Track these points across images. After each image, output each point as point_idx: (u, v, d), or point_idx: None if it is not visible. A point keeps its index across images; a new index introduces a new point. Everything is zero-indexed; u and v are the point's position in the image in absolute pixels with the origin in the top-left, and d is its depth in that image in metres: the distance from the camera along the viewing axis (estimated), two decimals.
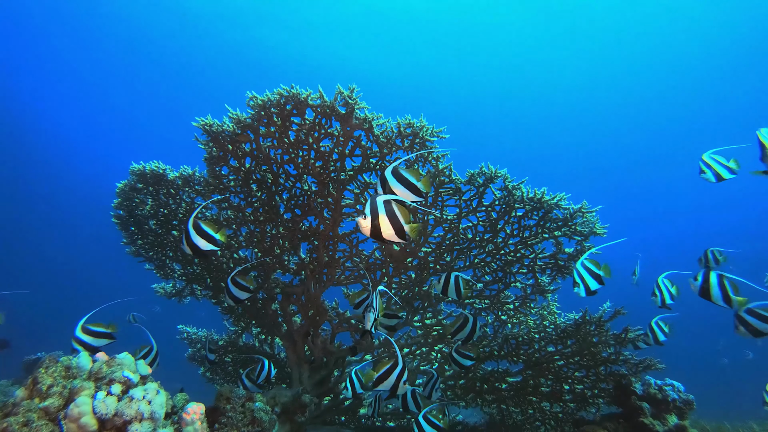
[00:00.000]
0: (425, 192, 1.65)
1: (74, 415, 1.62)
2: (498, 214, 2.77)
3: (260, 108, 2.52)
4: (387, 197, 1.53)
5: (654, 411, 2.90)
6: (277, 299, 3.23)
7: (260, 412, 2.21)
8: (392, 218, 1.52)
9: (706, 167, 2.11)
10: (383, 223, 1.51)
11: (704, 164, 2.12)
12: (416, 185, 1.61)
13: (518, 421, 3.39)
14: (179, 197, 3.02)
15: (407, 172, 1.62)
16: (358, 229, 1.61)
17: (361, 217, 1.52)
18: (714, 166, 2.11)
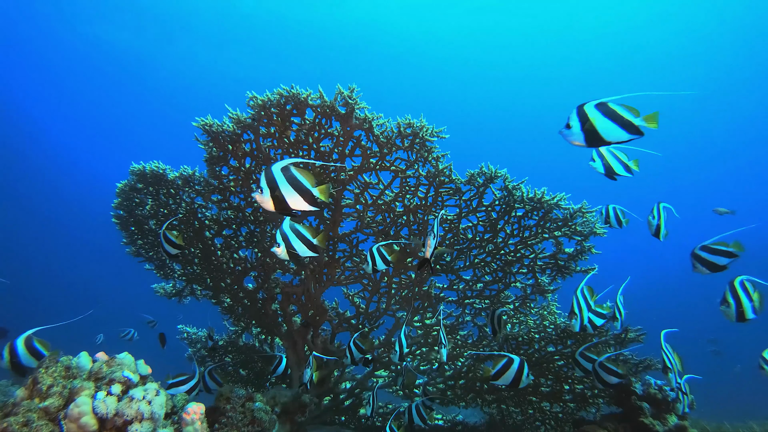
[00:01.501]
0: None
1: (74, 415, 1.62)
2: (498, 214, 2.77)
3: (260, 108, 2.52)
4: (285, 162, 1.37)
5: (654, 411, 2.89)
6: (277, 299, 3.22)
7: (260, 412, 2.21)
8: (296, 185, 1.37)
9: (597, 156, 1.89)
10: (285, 191, 1.36)
11: (597, 154, 1.91)
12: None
13: (518, 421, 3.39)
14: (179, 197, 3.01)
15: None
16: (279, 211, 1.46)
17: (257, 193, 1.37)
18: (607, 158, 1.90)
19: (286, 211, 1.38)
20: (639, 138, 1.37)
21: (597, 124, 1.36)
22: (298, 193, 1.37)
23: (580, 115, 1.37)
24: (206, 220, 3.05)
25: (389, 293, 3.12)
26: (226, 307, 3.47)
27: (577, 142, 1.40)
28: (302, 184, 1.38)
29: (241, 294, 3.28)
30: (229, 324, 3.75)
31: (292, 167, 1.36)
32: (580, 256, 2.82)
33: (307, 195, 1.38)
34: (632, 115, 1.36)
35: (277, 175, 1.35)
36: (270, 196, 1.35)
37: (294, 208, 1.38)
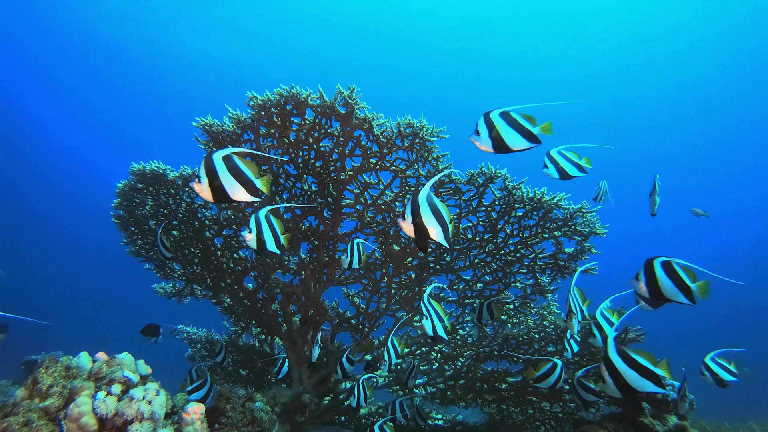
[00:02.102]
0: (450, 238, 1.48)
1: (74, 415, 1.62)
2: (498, 214, 2.77)
3: (260, 108, 2.52)
4: (226, 151, 1.33)
5: (654, 411, 2.89)
6: (277, 299, 3.23)
7: (260, 412, 2.21)
8: (236, 174, 1.32)
9: (549, 162, 1.91)
10: (226, 182, 1.31)
11: (549, 159, 1.92)
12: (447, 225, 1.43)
13: (518, 421, 3.39)
14: (179, 197, 3.02)
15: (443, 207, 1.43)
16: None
17: (194, 182, 1.33)
18: (560, 162, 1.91)
19: (225, 201, 1.35)
20: (537, 146, 1.48)
21: (502, 132, 1.44)
22: (239, 184, 1.33)
23: (487, 122, 1.44)
24: (206, 220, 3.05)
25: (389, 293, 3.12)
26: (226, 307, 3.47)
27: (485, 148, 1.47)
28: (244, 174, 1.34)
29: (241, 294, 3.28)
30: (229, 324, 3.75)
31: (234, 156, 1.32)
32: (580, 256, 2.82)
33: (249, 185, 1.34)
34: (530, 124, 1.45)
35: (218, 164, 1.31)
36: (209, 186, 1.31)
37: (234, 199, 1.34)
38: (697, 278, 1.51)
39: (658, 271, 1.51)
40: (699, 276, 1.52)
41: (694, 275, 1.51)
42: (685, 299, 1.50)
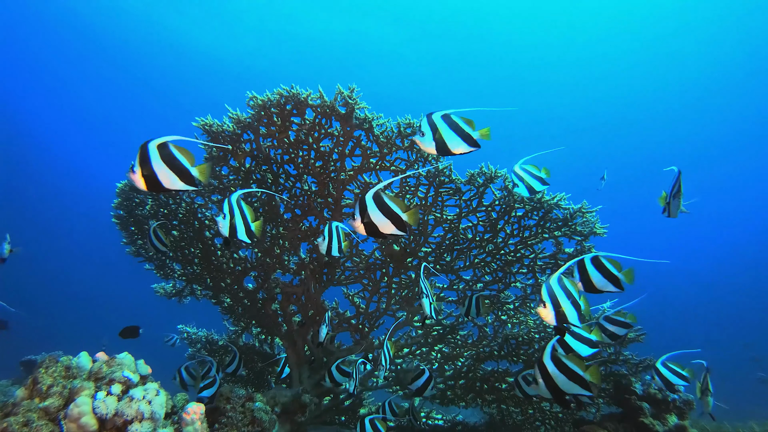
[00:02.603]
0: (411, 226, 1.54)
1: (74, 415, 1.62)
2: (498, 214, 2.77)
3: (260, 108, 2.52)
4: (162, 139, 1.34)
5: (654, 411, 2.89)
6: (277, 299, 3.22)
7: (260, 412, 2.21)
8: (170, 162, 1.34)
9: (518, 180, 2.00)
10: (159, 170, 1.34)
11: (517, 177, 2.00)
12: (401, 216, 1.49)
13: (518, 421, 3.39)
14: (179, 197, 3.02)
15: (392, 200, 1.49)
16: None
17: (128, 171, 1.36)
18: (526, 179, 2.00)
19: (159, 190, 1.36)
20: (476, 150, 1.53)
21: (445, 135, 1.50)
22: (174, 173, 1.34)
23: (430, 124, 1.50)
24: (206, 220, 3.05)
25: (389, 293, 3.12)
26: (226, 307, 3.47)
27: (430, 150, 1.53)
28: (179, 163, 1.35)
29: (241, 294, 3.28)
30: (229, 324, 3.75)
31: (171, 145, 1.34)
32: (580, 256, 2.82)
33: (184, 175, 1.35)
34: (470, 128, 1.50)
35: (152, 153, 1.32)
36: (141, 175, 1.33)
37: (168, 187, 1.35)
38: (623, 268, 1.65)
39: (589, 266, 1.59)
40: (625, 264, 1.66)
41: (619, 265, 1.62)
42: (614, 288, 1.61)
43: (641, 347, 2.96)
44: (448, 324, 3.24)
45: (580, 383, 1.54)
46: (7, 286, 18.84)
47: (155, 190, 1.34)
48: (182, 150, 1.35)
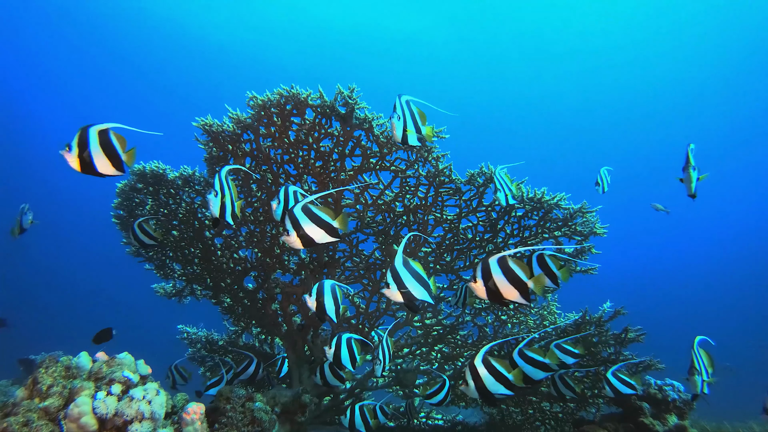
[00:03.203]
0: (342, 231, 1.63)
1: (74, 415, 1.62)
2: (498, 214, 2.77)
3: (260, 108, 2.52)
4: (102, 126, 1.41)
5: (654, 411, 2.89)
6: (277, 299, 3.22)
7: (260, 412, 2.21)
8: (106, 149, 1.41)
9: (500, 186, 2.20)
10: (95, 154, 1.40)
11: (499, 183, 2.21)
12: (330, 223, 1.60)
13: (518, 421, 3.39)
14: (179, 197, 3.02)
15: (320, 209, 1.60)
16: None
17: (65, 150, 1.41)
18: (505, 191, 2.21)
19: (91, 172, 1.41)
20: None
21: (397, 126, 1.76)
22: (106, 157, 1.41)
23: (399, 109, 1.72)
24: (206, 220, 3.05)
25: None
26: (226, 307, 3.47)
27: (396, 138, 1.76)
28: (114, 147, 1.41)
29: (241, 294, 3.28)
30: (229, 324, 3.75)
31: (110, 133, 1.41)
32: (580, 256, 2.82)
33: (115, 159, 1.42)
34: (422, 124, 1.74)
35: (92, 137, 1.38)
36: (77, 156, 1.38)
37: (101, 171, 1.41)
38: None
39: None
40: None
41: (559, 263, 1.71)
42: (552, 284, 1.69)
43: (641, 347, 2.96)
44: (448, 324, 3.24)
45: (505, 383, 1.66)
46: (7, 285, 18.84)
47: (87, 172, 1.40)
48: (118, 137, 1.42)
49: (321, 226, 1.59)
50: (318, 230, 1.59)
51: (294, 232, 1.56)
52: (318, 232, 1.59)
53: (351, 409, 2.46)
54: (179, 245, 3.21)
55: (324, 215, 1.60)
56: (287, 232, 1.57)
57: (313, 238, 1.58)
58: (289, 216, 1.57)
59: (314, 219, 1.58)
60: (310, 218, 1.58)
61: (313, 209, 1.59)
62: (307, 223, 1.57)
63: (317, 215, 1.59)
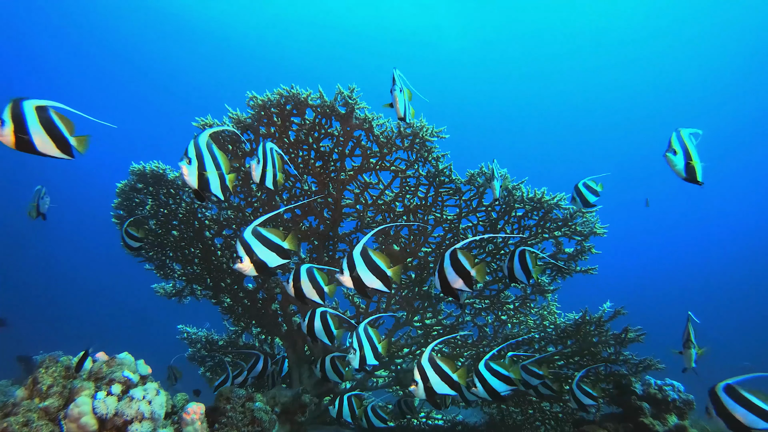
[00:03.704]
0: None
1: (74, 415, 1.62)
2: (498, 214, 2.77)
3: (260, 108, 2.52)
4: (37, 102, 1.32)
5: (654, 411, 2.89)
6: (277, 299, 3.22)
7: (260, 412, 2.21)
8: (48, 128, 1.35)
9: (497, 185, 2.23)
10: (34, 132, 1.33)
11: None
12: (282, 246, 1.56)
13: (518, 421, 3.39)
14: (179, 197, 3.02)
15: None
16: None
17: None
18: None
19: (29, 150, 1.35)
20: None
21: None
22: (48, 136, 1.35)
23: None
24: (206, 220, 3.05)
25: (389, 293, 3.12)
26: (226, 307, 3.47)
27: None
28: (57, 129, 1.35)
29: (241, 294, 3.28)
30: (229, 324, 3.75)
31: (51, 110, 1.34)
32: (580, 256, 2.82)
33: (58, 139, 1.36)
34: None
35: (28, 112, 1.30)
36: (11, 132, 1.30)
37: (43, 152, 1.37)
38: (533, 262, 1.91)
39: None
40: None
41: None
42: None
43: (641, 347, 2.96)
44: (448, 324, 3.24)
45: (449, 383, 1.71)
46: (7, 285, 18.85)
47: (26, 151, 1.31)
48: (63, 117, 1.34)
49: (273, 250, 1.54)
50: (271, 254, 1.54)
51: (247, 258, 1.51)
52: (271, 256, 1.54)
53: (339, 399, 2.47)
54: (179, 245, 3.21)
55: (275, 238, 1.55)
56: (239, 258, 1.50)
57: (266, 263, 1.53)
58: (240, 242, 1.50)
59: (266, 243, 1.53)
60: (262, 242, 1.53)
61: (264, 232, 1.54)
62: (260, 247, 1.52)
63: (268, 238, 1.54)
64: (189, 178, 1.43)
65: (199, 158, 1.44)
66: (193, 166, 1.42)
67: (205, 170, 1.46)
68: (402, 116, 1.78)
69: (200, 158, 1.44)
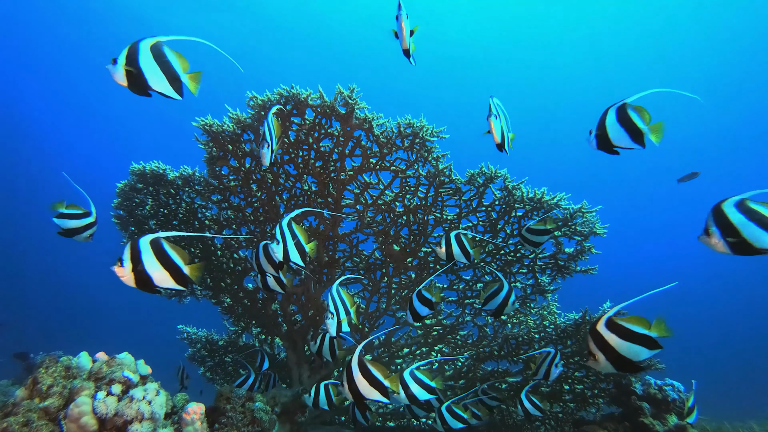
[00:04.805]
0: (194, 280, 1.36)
1: (74, 415, 1.62)
2: (498, 214, 2.77)
3: (260, 108, 2.52)
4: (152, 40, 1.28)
5: (654, 411, 2.89)
6: (277, 299, 3.23)
7: (260, 412, 2.21)
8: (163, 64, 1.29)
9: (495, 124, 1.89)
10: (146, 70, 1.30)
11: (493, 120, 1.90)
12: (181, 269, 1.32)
13: (518, 421, 3.39)
14: (179, 197, 3.02)
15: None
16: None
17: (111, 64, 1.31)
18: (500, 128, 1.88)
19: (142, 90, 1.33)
20: None
21: None
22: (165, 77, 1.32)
23: None
24: (206, 220, 3.05)
25: (389, 293, 3.12)
26: (226, 307, 3.47)
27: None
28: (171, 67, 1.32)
29: (241, 294, 3.28)
30: (229, 324, 3.75)
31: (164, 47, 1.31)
32: (580, 256, 2.82)
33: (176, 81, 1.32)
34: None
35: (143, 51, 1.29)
36: (124, 74, 1.29)
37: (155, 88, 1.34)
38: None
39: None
40: None
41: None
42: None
43: None
44: (448, 324, 3.24)
45: (380, 389, 1.68)
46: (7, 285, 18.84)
47: (137, 88, 1.28)
48: (178, 54, 1.30)
49: (167, 268, 1.28)
50: (163, 273, 1.27)
51: (129, 265, 1.25)
52: (162, 276, 1.27)
53: (315, 387, 2.44)
54: (179, 245, 3.20)
55: (176, 257, 1.29)
56: (120, 261, 1.25)
57: (152, 280, 1.26)
58: (130, 246, 1.25)
59: (162, 258, 1.28)
60: (157, 255, 1.27)
61: (166, 246, 1.28)
62: (151, 259, 1.26)
63: (168, 255, 1.28)
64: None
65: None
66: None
67: None
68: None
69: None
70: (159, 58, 1.27)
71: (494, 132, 1.69)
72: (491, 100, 1.71)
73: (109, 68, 1.27)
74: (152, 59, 1.26)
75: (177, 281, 1.30)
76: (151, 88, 1.29)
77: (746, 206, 1.23)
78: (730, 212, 1.25)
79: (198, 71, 1.36)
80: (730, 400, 7.00)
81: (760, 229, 1.20)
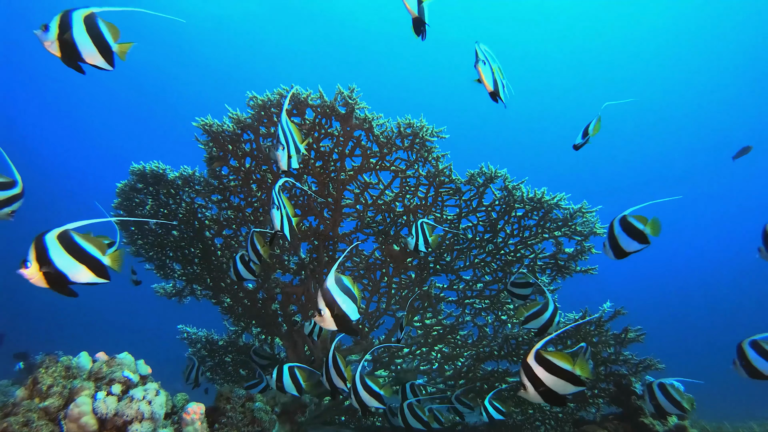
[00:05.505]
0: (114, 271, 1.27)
1: (74, 415, 1.62)
2: (498, 214, 2.77)
3: (260, 108, 2.52)
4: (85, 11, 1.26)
5: None
6: (277, 299, 3.22)
7: (260, 412, 2.21)
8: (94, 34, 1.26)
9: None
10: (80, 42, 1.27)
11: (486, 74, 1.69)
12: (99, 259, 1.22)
13: (518, 421, 3.39)
14: (179, 197, 3.01)
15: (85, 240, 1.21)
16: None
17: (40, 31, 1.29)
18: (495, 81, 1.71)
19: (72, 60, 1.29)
20: None
21: None
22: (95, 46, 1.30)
23: None
24: (206, 220, 3.05)
25: (389, 293, 3.12)
26: (226, 307, 3.47)
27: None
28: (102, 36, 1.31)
29: (241, 294, 3.28)
30: (229, 324, 3.75)
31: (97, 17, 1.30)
32: (580, 256, 2.82)
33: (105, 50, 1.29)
34: None
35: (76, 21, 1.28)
36: (57, 38, 1.26)
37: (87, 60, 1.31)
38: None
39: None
40: None
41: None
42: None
43: (641, 347, 2.96)
44: (448, 324, 3.24)
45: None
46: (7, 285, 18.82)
47: (69, 60, 1.25)
48: (108, 24, 1.29)
49: (83, 262, 1.19)
50: (77, 267, 1.18)
51: (35, 265, 1.15)
52: (77, 271, 1.18)
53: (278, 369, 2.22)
54: (179, 245, 3.21)
55: (90, 247, 1.20)
56: (25, 263, 1.15)
57: (67, 277, 1.18)
58: (35, 244, 1.14)
59: (72, 249, 1.18)
60: (66, 247, 1.17)
61: (76, 238, 1.18)
62: (60, 254, 1.16)
63: (79, 246, 1.18)
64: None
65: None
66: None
67: None
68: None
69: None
70: (92, 30, 1.25)
71: (484, 79, 1.52)
72: (477, 46, 1.53)
73: (37, 34, 1.23)
74: (85, 31, 1.24)
75: (97, 274, 1.20)
76: (84, 60, 1.26)
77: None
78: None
79: (129, 42, 1.36)
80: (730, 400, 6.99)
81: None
